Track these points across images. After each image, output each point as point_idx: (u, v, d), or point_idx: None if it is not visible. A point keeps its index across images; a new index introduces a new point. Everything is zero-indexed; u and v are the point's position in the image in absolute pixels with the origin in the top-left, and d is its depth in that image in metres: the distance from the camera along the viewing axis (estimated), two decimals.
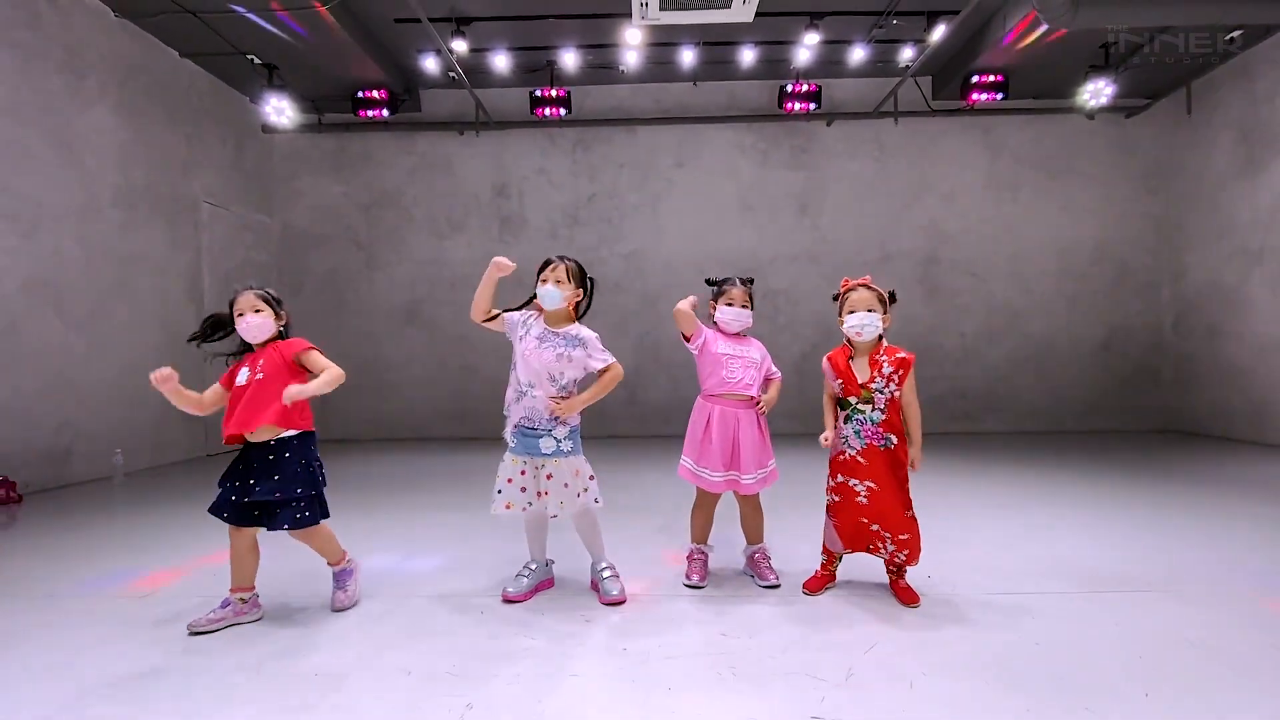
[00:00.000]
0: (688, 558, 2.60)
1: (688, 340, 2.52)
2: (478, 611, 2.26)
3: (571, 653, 1.94)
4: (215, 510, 2.20)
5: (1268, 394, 6.04)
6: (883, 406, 2.28)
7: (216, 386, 2.32)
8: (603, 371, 2.34)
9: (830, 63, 6.63)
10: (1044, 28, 5.38)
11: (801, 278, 7.29)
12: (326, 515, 2.30)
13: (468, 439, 7.04)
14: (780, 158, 7.33)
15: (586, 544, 2.46)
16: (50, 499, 4.30)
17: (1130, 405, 7.28)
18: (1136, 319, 7.31)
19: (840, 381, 2.34)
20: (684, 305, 2.42)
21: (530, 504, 2.32)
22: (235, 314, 2.26)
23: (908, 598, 2.27)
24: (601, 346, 2.37)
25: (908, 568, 2.33)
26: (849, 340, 2.36)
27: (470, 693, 1.71)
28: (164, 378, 2.14)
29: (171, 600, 2.42)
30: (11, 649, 2.03)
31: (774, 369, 2.58)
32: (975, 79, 6.44)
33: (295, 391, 2.13)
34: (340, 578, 2.37)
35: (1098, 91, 6.10)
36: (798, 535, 2.97)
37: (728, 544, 2.85)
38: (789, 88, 6.62)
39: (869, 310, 2.29)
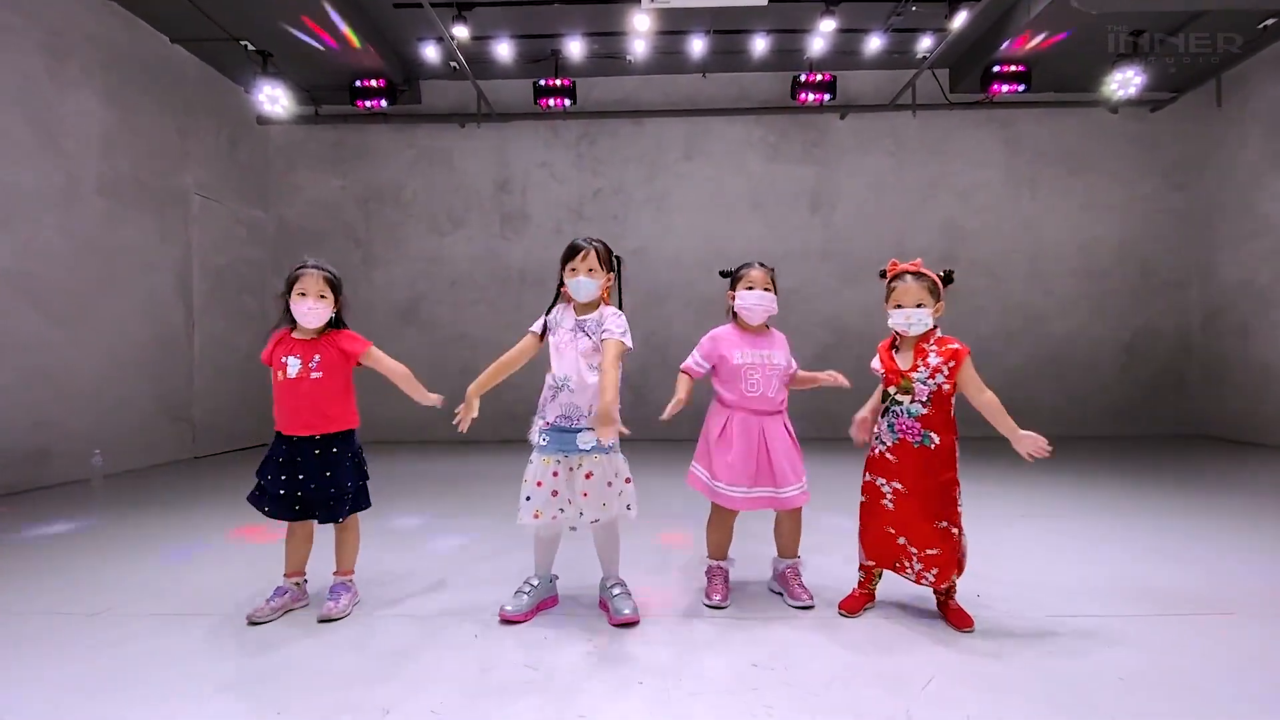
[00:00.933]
0: (707, 574, 2.33)
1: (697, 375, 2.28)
2: (470, 634, 1.99)
3: (578, 686, 1.68)
4: (256, 501, 2.18)
5: None
6: (925, 399, 2.02)
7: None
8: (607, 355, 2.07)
9: (845, 53, 6.39)
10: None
11: (813, 277, 7.03)
12: (369, 504, 2.30)
13: (467, 442, 6.77)
14: (792, 152, 7.08)
15: (602, 556, 2.20)
16: (22, 502, 4.04)
17: (1155, 410, 7.00)
18: (1161, 320, 7.03)
19: (882, 371, 2.11)
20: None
21: (562, 510, 2.05)
22: (296, 292, 2.13)
23: (960, 621, 2.00)
24: (616, 320, 2.10)
25: (944, 588, 2.05)
26: (896, 332, 2.11)
27: None
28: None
29: (122, 622, 2.16)
30: None
31: (794, 365, 2.33)
32: (996, 69, 6.20)
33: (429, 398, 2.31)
34: (338, 589, 2.22)
35: (1126, 81, 5.84)
36: (824, 548, 2.70)
37: (751, 557, 2.58)
38: (802, 77, 6.38)
39: (918, 305, 2.03)
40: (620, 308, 2.26)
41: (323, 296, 2.16)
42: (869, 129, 7.05)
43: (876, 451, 2.11)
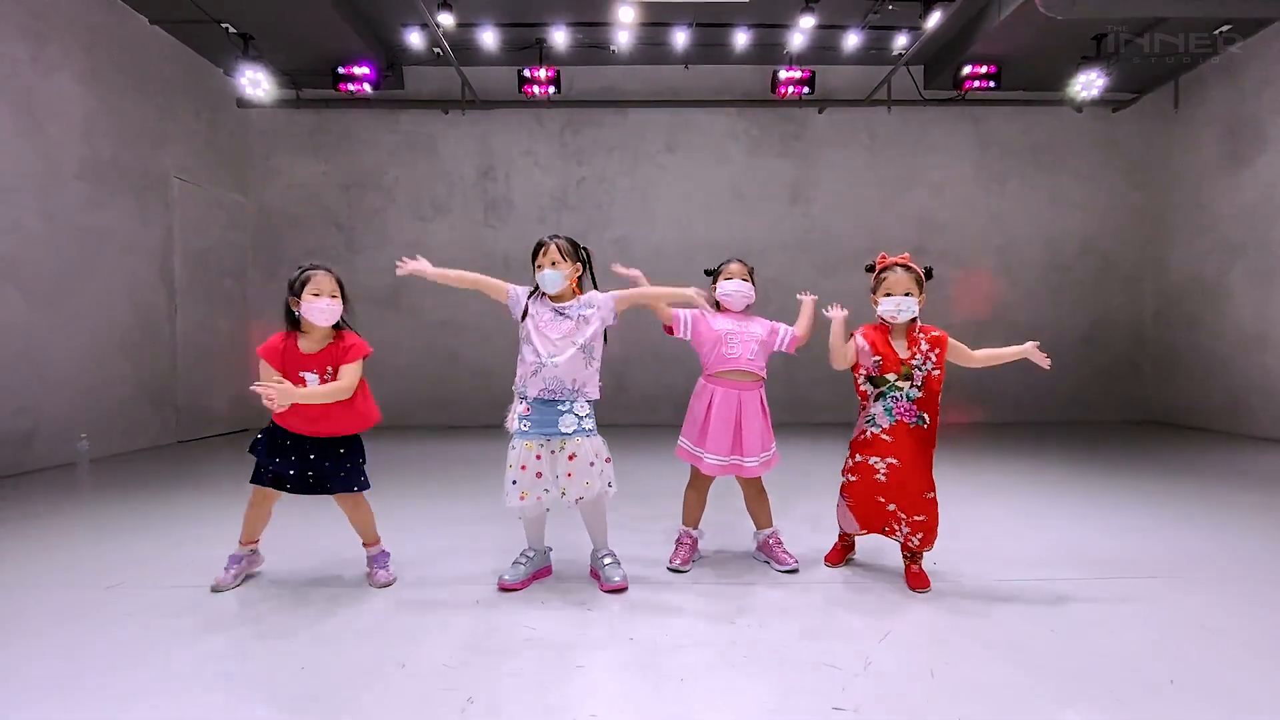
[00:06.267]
0: (676, 540, 2.53)
1: (670, 332, 2.46)
2: (472, 601, 2.15)
3: (575, 642, 1.85)
4: (275, 481, 2.25)
5: (1244, 387, 6.14)
6: (920, 383, 2.23)
7: (270, 371, 2.20)
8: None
9: (824, 48, 6.55)
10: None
11: (792, 266, 7.23)
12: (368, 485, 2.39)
13: (451, 427, 6.89)
14: (772, 145, 7.24)
15: (591, 531, 2.37)
16: (9, 487, 4.07)
17: (1111, 397, 7.38)
18: (1119, 312, 7.39)
19: (878, 359, 2.26)
20: (686, 295, 2.31)
21: (548, 490, 2.20)
22: (310, 292, 2.19)
23: (919, 583, 2.22)
24: (598, 295, 2.36)
25: (923, 552, 2.27)
26: (883, 320, 2.30)
27: (470, 686, 1.61)
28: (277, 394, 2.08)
29: (137, 591, 2.28)
30: None
31: (789, 332, 2.48)
32: (968, 68, 6.41)
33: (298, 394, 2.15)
34: (382, 557, 2.40)
35: (1089, 83, 6.10)
36: (801, 520, 2.91)
37: (733, 530, 2.78)
38: (782, 72, 6.53)
39: (906, 294, 2.23)
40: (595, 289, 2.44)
41: (333, 296, 2.23)
42: (847, 123, 7.24)
43: (869, 434, 2.27)
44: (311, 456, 2.26)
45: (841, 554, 2.48)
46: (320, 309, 2.20)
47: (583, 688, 1.61)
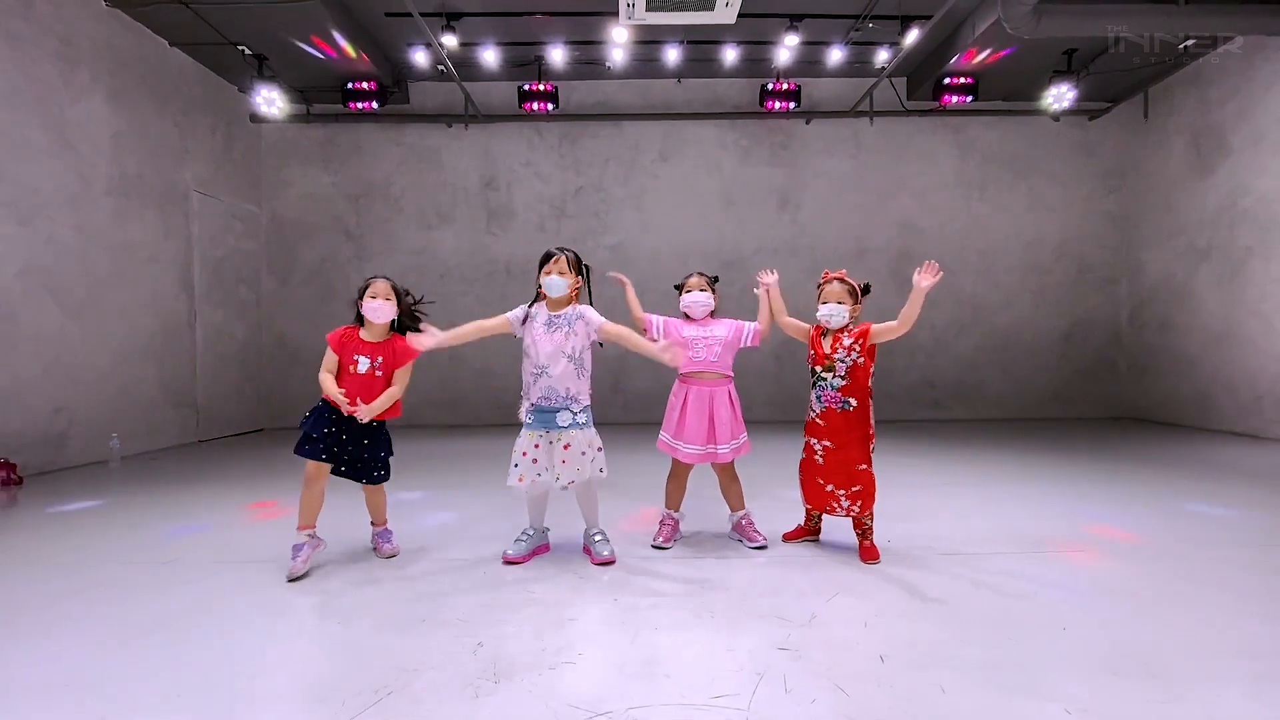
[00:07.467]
0: (659, 522, 2.85)
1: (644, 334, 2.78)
2: (480, 572, 2.48)
3: (568, 602, 2.18)
4: (311, 452, 2.52)
5: (1211, 383, 6.45)
6: (843, 374, 2.56)
7: (331, 355, 2.60)
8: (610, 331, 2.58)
9: (809, 63, 6.87)
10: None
11: (780, 271, 7.30)
12: (389, 476, 2.77)
13: (456, 426, 7.22)
14: (761, 154, 7.57)
15: (584, 511, 2.69)
16: (49, 481, 4.41)
17: (1089, 394, 7.68)
18: (1095, 313, 7.70)
19: (813, 352, 2.64)
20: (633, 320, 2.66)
21: (540, 475, 2.53)
22: (368, 295, 2.61)
23: (869, 555, 2.54)
24: (594, 312, 2.63)
25: (867, 522, 2.59)
26: (819, 323, 2.64)
27: (479, 634, 1.93)
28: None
29: (192, 566, 2.60)
30: (50, 608, 2.21)
31: (751, 328, 2.80)
32: (947, 81, 6.73)
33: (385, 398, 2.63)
34: (386, 534, 2.76)
35: (1060, 95, 6.42)
36: (778, 509, 3.22)
37: (711, 514, 3.09)
38: (770, 86, 6.85)
39: (838, 302, 2.58)
40: (590, 304, 2.73)
41: (387, 299, 2.63)
42: (833, 133, 7.56)
43: (809, 418, 2.66)
44: (350, 446, 2.59)
45: (799, 534, 2.80)
46: (374, 308, 2.62)
47: (573, 635, 1.93)
